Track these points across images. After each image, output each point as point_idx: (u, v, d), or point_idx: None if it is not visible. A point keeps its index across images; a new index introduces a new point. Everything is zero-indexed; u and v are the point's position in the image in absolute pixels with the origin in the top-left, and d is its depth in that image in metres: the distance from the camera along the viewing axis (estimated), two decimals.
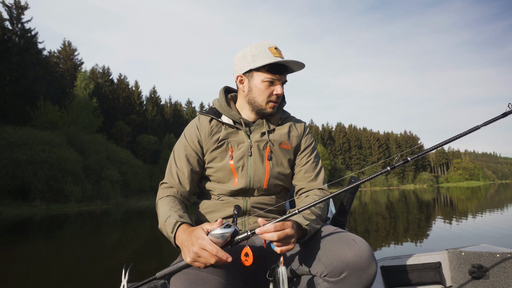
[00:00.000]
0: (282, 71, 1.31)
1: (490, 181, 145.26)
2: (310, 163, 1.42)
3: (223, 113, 1.40)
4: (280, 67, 1.30)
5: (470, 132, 1.08)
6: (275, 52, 1.29)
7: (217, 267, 1.04)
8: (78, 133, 32.23)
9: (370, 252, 1.03)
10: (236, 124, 1.38)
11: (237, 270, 1.12)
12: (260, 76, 1.31)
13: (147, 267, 5.04)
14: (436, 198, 24.65)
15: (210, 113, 1.40)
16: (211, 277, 1.00)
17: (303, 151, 1.44)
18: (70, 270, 5.22)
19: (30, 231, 11.60)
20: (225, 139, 1.36)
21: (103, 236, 9.87)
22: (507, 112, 1.08)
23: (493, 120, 1.09)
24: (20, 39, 33.99)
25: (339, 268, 1.03)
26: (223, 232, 0.99)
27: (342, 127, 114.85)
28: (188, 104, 70.23)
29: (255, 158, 1.35)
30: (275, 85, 1.32)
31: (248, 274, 1.18)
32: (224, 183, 1.35)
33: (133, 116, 52.07)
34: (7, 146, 24.18)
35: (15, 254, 6.82)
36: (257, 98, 1.34)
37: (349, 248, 1.04)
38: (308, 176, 1.39)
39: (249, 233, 1.01)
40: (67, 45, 46.38)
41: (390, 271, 2.07)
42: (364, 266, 1.01)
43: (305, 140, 1.45)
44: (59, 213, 20.34)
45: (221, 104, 1.41)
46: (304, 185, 1.40)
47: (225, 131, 1.37)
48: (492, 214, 11.10)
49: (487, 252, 1.95)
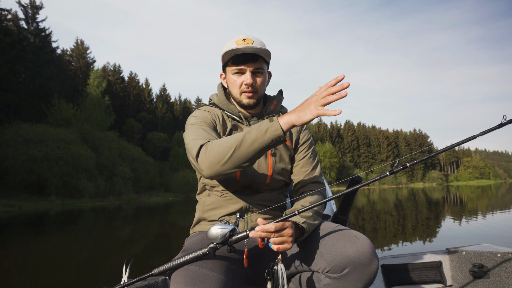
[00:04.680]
0: (247, 60, 1.28)
1: (502, 180, 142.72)
2: (307, 158, 1.43)
3: (224, 108, 1.39)
4: (245, 56, 1.28)
5: (467, 141, 1.14)
6: (241, 43, 1.28)
7: (217, 264, 1.05)
8: (91, 130, 32.92)
9: (372, 249, 1.05)
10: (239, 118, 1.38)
11: (238, 268, 1.12)
12: (229, 70, 1.33)
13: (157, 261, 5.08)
14: (445, 197, 24.30)
15: (213, 106, 1.40)
16: (211, 274, 1.00)
17: (301, 146, 1.45)
18: (83, 263, 5.38)
19: (46, 225, 11.98)
20: (234, 130, 1.37)
21: (115, 230, 10.08)
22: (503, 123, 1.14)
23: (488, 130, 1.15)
24: (35, 38, 34.81)
25: (341, 264, 1.04)
26: (222, 228, 1.01)
27: (351, 125, 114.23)
28: (198, 102, 70.75)
29: None
30: (244, 74, 1.31)
31: (249, 271, 1.19)
32: (226, 177, 1.31)
33: (144, 113, 52.78)
34: (24, 143, 24.96)
35: (31, 247, 7.05)
36: (232, 91, 1.35)
37: (351, 244, 1.05)
38: (305, 170, 1.40)
39: (248, 232, 1.02)
40: (80, 44, 47.16)
41: (391, 269, 2.07)
42: (366, 262, 1.03)
43: (303, 135, 1.46)
44: (73, 208, 20.85)
45: (220, 99, 1.41)
46: (301, 178, 1.40)
47: (231, 123, 1.38)
48: (496, 213, 10.99)
49: (488, 252, 1.94)
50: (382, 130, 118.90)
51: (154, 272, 1.06)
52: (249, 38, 1.30)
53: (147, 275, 1.08)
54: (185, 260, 1.02)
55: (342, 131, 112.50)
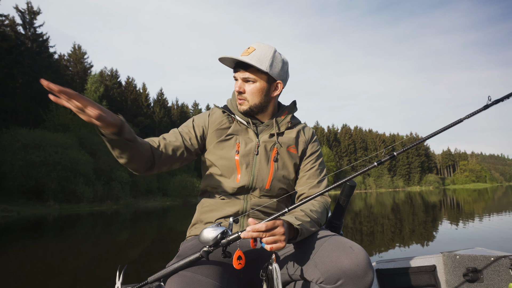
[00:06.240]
0: (238, 68, 1.33)
1: (498, 183, 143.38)
2: (315, 170, 1.41)
3: (233, 112, 1.42)
4: (238, 64, 1.33)
5: (453, 125, 1.11)
6: (244, 51, 1.32)
7: (212, 270, 1.04)
8: (89, 135, 32.83)
9: (367, 260, 1.03)
10: (247, 123, 1.41)
11: (232, 273, 1.11)
12: None
13: (154, 266, 5.08)
14: (442, 200, 24.48)
15: (224, 108, 1.44)
16: (206, 280, 1.00)
17: (308, 157, 1.43)
18: (80, 268, 5.37)
19: (44, 230, 11.99)
20: (234, 134, 1.38)
21: (113, 235, 10.08)
22: (488, 105, 1.11)
23: (475, 112, 1.12)
24: (33, 43, 34.80)
25: (335, 275, 1.02)
26: (213, 230, 1.01)
27: (347, 129, 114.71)
28: (195, 106, 70.91)
29: (261, 157, 1.35)
30: (237, 81, 1.36)
31: (243, 276, 1.17)
32: (227, 178, 1.35)
33: (141, 118, 52.78)
34: (22, 148, 24.87)
35: (29, 252, 7.02)
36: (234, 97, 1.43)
37: (346, 256, 1.03)
38: (311, 182, 1.39)
39: (239, 233, 1.01)
40: (77, 49, 47.23)
41: (385, 274, 2.07)
42: (360, 274, 1.01)
43: (311, 146, 1.45)
44: (71, 213, 20.79)
45: (232, 104, 1.44)
46: (306, 190, 1.38)
47: (235, 126, 1.40)
48: (492, 217, 11.08)
49: (482, 256, 1.95)
50: (379, 134, 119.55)
51: (149, 280, 1.05)
52: (253, 47, 1.32)
53: (143, 283, 1.07)
54: (179, 265, 1.01)
55: (339, 135, 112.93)
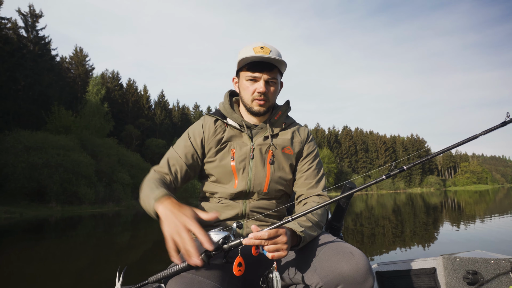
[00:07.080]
0: (263, 69, 1.30)
1: (499, 184, 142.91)
2: (312, 170, 1.41)
3: (227, 116, 1.40)
4: (260, 64, 1.30)
5: (468, 141, 1.08)
6: (259, 50, 1.29)
7: (213, 272, 1.04)
8: (91, 137, 33.01)
9: (367, 266, 1.01)
10: (240, 127, 1.39)
11: (233, 276, 1.10)
12: (244, 75, 1.34)
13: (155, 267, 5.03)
14: (443, 202, 24.41)
15: (216, 115, 1.41)
16: (206, 282, 1.00)
17: (305, 158, 1.43)
18: (82, 269, 5.40)
19: (46, 232, 12.01)
20: (228, 140, 1.37)
21: (115, 237, 10.13)
22: (506, 122, 1.07)
23: (491, 129, 1.07)
24: (35, 46, 35.02)
25: (334, 280, 1.01)
26: (215, 235, 1.00)
27: (348, 130, 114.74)
28: (196, 108, 71.11)
29: (257, 161, 1.34)
30: (257, 82, 1.32)
31: (244, 280, 1.17)
32: (224, 184, 1.35)
33: (142, 120, 52.95)
34: (24, 150, 24.98)
35: (31, 253, 7.03)
36: (244, 97, 1.36)
37: (346, 261, 1.02)
38: (309, 183, 1.38)
39: (241, 239, 0.99)
40: (79, 51, 47.46)
41: (386, 276, 2.05)
42: (360, 280, 0.99)
43: (307, 147, 1.44)
44: (73, 215, 20.78)
45: (225, 107, 1.42)
46: (304, 191, 1.38)
47: (229, 133, 1.38)
48: (493, 218, 11.05)
49: (482, 258, 1.93)
50: (380, 135, 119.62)
51: (150, 280, 1.05)
52: (267, 47, 1.31)
53: (143, 283, 1.06)
54: (180, 268, 1.00)
55: (340, 137, 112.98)
